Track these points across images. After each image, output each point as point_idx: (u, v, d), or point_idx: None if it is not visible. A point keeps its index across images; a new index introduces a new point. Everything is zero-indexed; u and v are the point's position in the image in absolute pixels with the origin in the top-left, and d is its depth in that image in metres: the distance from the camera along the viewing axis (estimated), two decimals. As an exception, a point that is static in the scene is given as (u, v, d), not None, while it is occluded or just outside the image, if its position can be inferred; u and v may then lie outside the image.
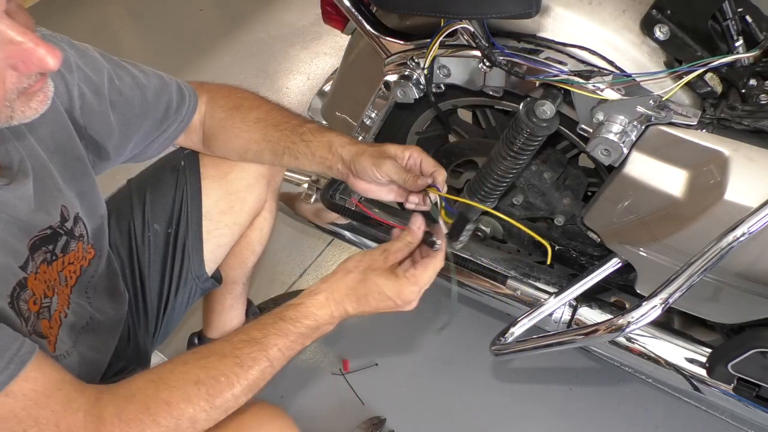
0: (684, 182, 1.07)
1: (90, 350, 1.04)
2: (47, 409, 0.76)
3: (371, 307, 0.93)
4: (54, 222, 0.94)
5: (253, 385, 0.86)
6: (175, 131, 1.15)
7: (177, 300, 1.28)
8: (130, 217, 1.24)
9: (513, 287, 1.40)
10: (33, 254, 0.89)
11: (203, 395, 0.82)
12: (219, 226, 1.28)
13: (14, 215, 0.85)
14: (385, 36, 1.26)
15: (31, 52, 0.68)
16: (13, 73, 0.70)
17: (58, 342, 0.95)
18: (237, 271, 1.44)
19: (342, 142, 1.07)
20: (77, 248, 1.00)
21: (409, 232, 0.97)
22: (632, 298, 1.36)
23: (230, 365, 0.84)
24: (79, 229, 1.01)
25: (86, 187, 1.03)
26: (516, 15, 1.05)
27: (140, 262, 1.25)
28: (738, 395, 1.22)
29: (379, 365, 1.68)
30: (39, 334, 0.91)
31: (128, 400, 0.79)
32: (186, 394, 0.81)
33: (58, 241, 0.95)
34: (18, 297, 0.86)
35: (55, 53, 0.69)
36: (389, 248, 0.96)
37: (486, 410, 1.59)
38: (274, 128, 1.12)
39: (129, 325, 1.24)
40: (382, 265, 0.94)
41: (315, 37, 2.81)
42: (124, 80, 1.05)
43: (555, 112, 1.11)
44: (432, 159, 1.03)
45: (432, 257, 0.95)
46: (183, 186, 1.24)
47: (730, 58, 1.02)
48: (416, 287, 0.92)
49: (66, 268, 0.98)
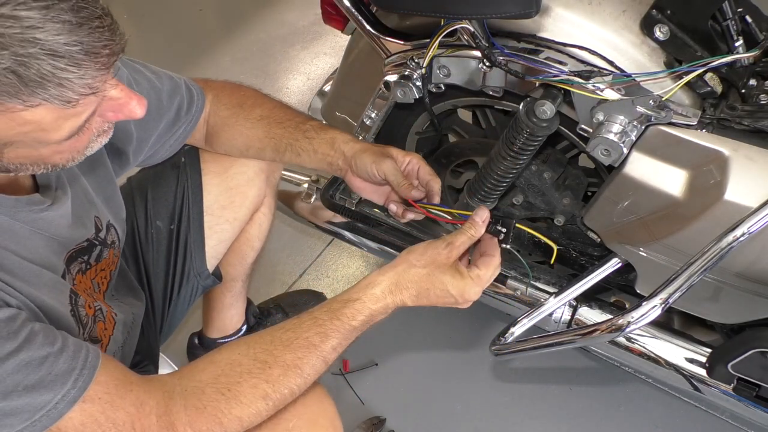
0: (684, 182, 1.07)
1: (130, 348, 1.07)
2: (122, 410, 0.78)
3: (429, 302, 0.93)
4: (90, 234, 0.96)
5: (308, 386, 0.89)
6: (184, 132, 1.15)
7: (180, 297, 1.29)
8: (133, 215, 1.24)
9: (513, 287, 1.40)
10: (69, 266, 0.91)
11: (271, 408, 0.86)
12: (220, 221, 1.29)
13: (56, 233, 0.87)
14: (385, 36, 1.26)
15: (124, 104, 0.71)
16: (98, 119, 0.73)
17: (111, 342, 0.98)
18: (236, 268, 1.45)
19: (345, 139, 1.08)
20: (108, 255, 1.02)
21: (473, 224, 0.95)
22: (632, 298, 1.36)
23: (293, 376, 0.86)
24: (112, 236, 1.03)
25: (110, 192, 1.05)
26: (516, 15, 1.05)
27: (145, 259, 1.26)
28: (738, 395, 1.22)
29: (379, 365, 1.68)
30: (94, 338, 0.93)
31: (200, 412, 0.82)
32: (257, 410, 0.84)
33: (93, 252, 0.97)
34: (76, 303, 0.89)
35: (142, 103, 0.72)
36: (453, 242, 0.93)
37: (486, 410, 1.59)
38: (278, 125, 1.12)
39: None
40: (446, 260, 0.92)
41: (315, 37, 2.81)
42: (141, 84, 1.05)
43: (555, 112, 1.11)
44: (430, 168, 1.04)
45: (492, 255, 0.95)
46: (184, 182, 1.24)
47: (729, 58, 1.01)
48: (479, 288, 0.93)
49: (98, 275, 1.00)
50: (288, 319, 0.92)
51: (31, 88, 0.60)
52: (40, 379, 0.73)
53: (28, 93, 0.60)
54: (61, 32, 0.59)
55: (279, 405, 0.86)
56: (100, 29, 0.62)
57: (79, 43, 0.60)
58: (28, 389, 0.72)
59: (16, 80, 0.59)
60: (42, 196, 0.85)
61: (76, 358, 0.76)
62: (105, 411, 0.77)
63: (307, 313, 0.91)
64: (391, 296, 0.91)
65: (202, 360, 0.88)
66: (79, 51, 0.61)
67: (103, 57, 0.63)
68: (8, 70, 0.58)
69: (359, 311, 0.90)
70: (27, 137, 0.66)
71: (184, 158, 1.25)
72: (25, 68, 0.59)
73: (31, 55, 0.58)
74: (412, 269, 0.92)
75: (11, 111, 0.61)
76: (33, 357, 0.73)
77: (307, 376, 0.87)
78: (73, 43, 0.60)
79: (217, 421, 0.82)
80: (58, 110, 0.64)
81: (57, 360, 0.75)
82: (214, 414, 0.82)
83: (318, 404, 0.96)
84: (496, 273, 0.95)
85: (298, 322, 0.90)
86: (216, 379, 0.84)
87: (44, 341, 0.74)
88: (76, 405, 0.75)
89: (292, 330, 0.88)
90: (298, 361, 0.86)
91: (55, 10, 0.59)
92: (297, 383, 0.86)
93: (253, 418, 0.84)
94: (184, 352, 1.66)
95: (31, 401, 0.73)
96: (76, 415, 0.75)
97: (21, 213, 0.81)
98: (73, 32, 0.60)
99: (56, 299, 0.85)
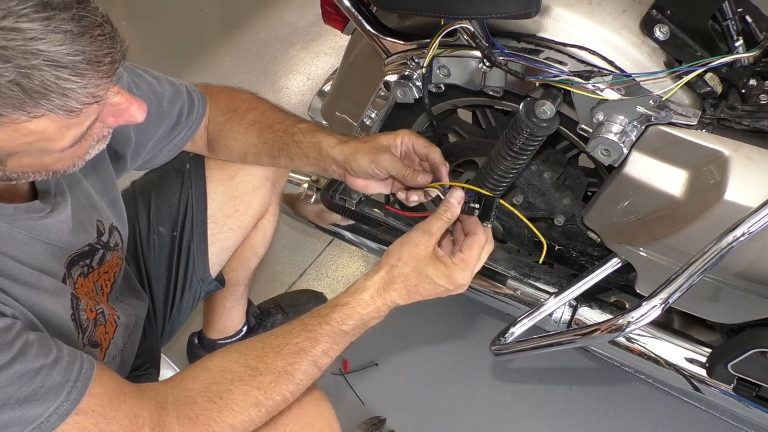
0: (684, 182, 1.07)
1: (131, 351, 1.06)
2: (116, 423, 0.77)
3: (422, 296, 0.92)
4: (92, 239, 0.95)
5: (302, 391, 0.89)
6: (184, 137, 1.15)
7: (183, 302, 1.29)
8: (135, 220, 1.24)
9: (513, 287, 1.40)
10: (70, 270, 0.90)
11: (263, 416, 0.86)
12: (224, 230, 1.28)
13: (56, 239, 0.87)
14: (385, 36, 1.26)
15: (124, 109, 0.71)
16: (99, 124, 0.72)
17: (111, 346, 0.97)
18: (239, 273, 1.45)
19: (331, 143, 1.05)
20: (112, 258, 1.01)
21: (449, 207, 0.93)
22: (632, 298, 1.36)
23: (285, 383, 0.86)
24: (115, 239, 1.02)
25: (113, 194, 1.04)
26: (516, 15, 1.05)
27: (146, 265, 1.25)
28: (738, 395, 1.22)
29: (379, 365, 1.68)
30: (93, 343, 0.92)
31: (193, 422, 0.81)
32: (249, 417, 0.84)
33: (95, 255, 0.97)
34: (78, 308, 0.88)
35: (142, 107, 0.72)
36: (429, 229, 0.91)
37: (486, 410, 1.59)
38: (268, 129, 1.11)
39: None
40: (426, 251, 0.90)
41: (315, 37, 2.81)
42: (141, 88, 1.05)
43: (555, 112, 1.11)
44: (423, 139, 1.02)
45: (474, 234, 0.92)
46: (188, 189, 1.24)
47: (728, 58, 1.01)
48: (467, 271, 0.91)
49: (101, 278, 0.99)
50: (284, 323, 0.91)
51: (35, 100, 0.60)
52: (33, 392, 0.72)
53: (32, 104, 0.60)
54: (63, 42, 0.59)
55: (272, 412, 0.86)
56: (101, 37, 0.63)
57: (81, 53, 0.61)
58: (21, 402, 0.71)
59: (20, 92, 0.59)
60: (41, 203, 0.84)
61: (71, 369, 0.75)
62: (98, 424, 0.76)
63: (298, 319, 0.90)
64: (381, 299, 0.90)
65: (195, 367, 0.87)
66: (82, 60, 0.61)
67: (105, 65, 0.63)
68: (12, 83, 0.58)
69: (349, 316, 0.89)
70: (30, 147, 0.66)
71: (188, 165, 1.24)
72: (29, 80, 0.59)
73: (34, 67, 0.59)
74: (395, 270, 0.90)
75: (15, 122, 0.62)
76: (27, 369, 0.72)
77: (299, 382, 0.87)
78: (76, 53, 0.60)
79: (210, 430, 0.81)
80: (61, 120, 0.64)
81: (51, 372, 0.74)
82: (207, 423, 0.81)
83: (315, 407, 0.96)
84: (485, 251, 0.93)
85: (288, 328, 0.89)
86: (207, 387, 0.84)
87: (38, 352, 0.74)
88: (69, 418, 0.74)
89: (282, 336, 0.88)
90: (290, 368, 0.86)
91: (56, 21, 0.59)
92: (289, 389, 0.86)
93: (246, 425, 0.84)
94: (184, 353, 1.66)
95: (23, 414, 0.72)
96: (68, 428, 0.74)
97: (20, 221, 0.80)
98: (75, 42, 0.60)
99: (57, 304, 0.85)
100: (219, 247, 1.29)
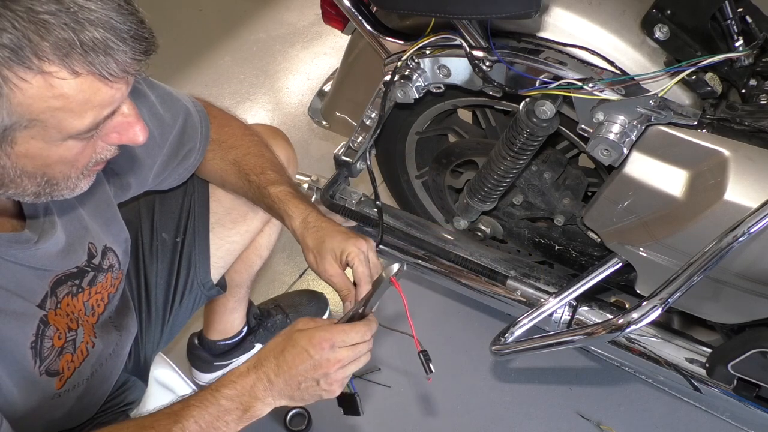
0: (684, 182, 1.07)
1: (101, 380, 1.03)
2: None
3: (289, 367, 0.85)
4: (81, 262, 0.94)
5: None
6: (194, 161, 1.14)
7: (182, 308, 1.28)
8: (138, 226, 1.23)
9: (513, 287, 1.40)
10: (55, 289, 0.89)
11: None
12: (231, 234, 1.28)
13: (41, 264, 0.86)
14: (385, 36, 1.26)
15: (130, 125, 0.73)
16: (100, 143, 0.73)
17: (75, 374, 0.94)
18: (242, 275, 1.44)
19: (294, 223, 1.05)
20: (105, 279, 1.00)
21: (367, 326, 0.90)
22: (632, 298, 1.36)
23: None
24: (108, 260, 1.00)
25: (110, 215, 1.03)
26: (516, 15, 1.05)
27: (147, 271, 1.24)
28: (738, 395, 1.22)
29: (381, 369, 1.67)
30: (51, 372, 0.90)
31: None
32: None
33: (85, 277, 0.95)
34: (43, 335, 0.86)
35: (145, 131, 0.74)
36: (329, 326, 0.87)
37: (486, 410, 1.59)
38: (245, 177, 1.11)
39: None
40: (305, 326, 0.87)
41: (315, 37, 2.81)
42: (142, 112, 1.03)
43: (555, 112, 1.11)
44: (366, 269, 0.99)
45: (368, 321, 0.90)
46: (191, 194, 1.24)
47: (721, 57, 1.01)
48: (328, 334, 0.84)
49: (92, 298, 0.98)
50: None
51: (83, 50, 0.62)
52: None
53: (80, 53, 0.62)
54: (112, 11, 0.64)
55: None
56: (142, 25, 0.67)
57: (128, 23, 0.65)
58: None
59: (72, 35, 0.61)
60: (30, 232, 0.83)
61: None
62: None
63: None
64: (254, 371, 0.85)
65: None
66: (128, 30, 0.65)
67: (142, 48, 0.67)
68: (67, 26, 0.61)
69: (223, 384, 0.85)
70: (52, 118, 0.66)
71: None
72: (81, 29, 0.62)
73: (88, 21, 0.62)
74: (274, 340, 0.88)
75: (53, 76, 0.63)
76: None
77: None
78: (123, 22, 0.65)
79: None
80: (93, 87, 0.65)
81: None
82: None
83: None
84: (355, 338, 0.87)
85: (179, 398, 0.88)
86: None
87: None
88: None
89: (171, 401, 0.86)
90: (155, 423, 0.82)
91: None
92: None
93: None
94: (184, 354, 1.66)
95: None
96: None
97: (7, 250, 0.80)
98: (123, 15, 0.65)
99: (18, 329, 0.83)
100: (225, 251, 1.29)
